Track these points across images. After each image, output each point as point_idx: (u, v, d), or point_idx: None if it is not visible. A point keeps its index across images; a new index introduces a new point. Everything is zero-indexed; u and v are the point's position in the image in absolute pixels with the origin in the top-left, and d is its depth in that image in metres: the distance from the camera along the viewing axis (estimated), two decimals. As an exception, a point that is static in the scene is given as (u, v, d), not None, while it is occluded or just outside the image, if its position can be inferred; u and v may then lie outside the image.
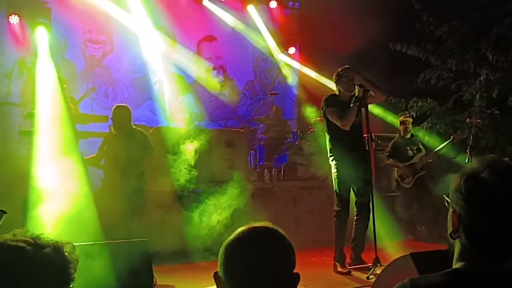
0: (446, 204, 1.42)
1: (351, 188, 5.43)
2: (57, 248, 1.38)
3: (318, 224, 7.81)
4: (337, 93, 5.50)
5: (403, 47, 8.98)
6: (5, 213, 2.78)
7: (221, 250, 1.38)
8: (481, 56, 8.48)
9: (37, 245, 1.35)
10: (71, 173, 5.42)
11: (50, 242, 1.38)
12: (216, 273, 1.37)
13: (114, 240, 4.96)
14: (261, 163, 8.68)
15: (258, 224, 1.43)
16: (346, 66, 5.51)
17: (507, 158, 1.46)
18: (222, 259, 1.37)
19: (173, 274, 5.05)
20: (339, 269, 5.26)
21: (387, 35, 8.99)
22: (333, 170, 5.43)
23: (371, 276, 4.78)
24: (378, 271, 4.48)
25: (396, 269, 3.52)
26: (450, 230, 1.40)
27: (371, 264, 4.96)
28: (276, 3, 10.87)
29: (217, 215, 6.25)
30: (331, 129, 5.44)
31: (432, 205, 7.15)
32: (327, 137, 5.53)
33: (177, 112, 9.52)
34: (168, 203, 7.05)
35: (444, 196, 1.44)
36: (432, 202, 7.13)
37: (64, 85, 7.44)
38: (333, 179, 5.46)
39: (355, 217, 5.49)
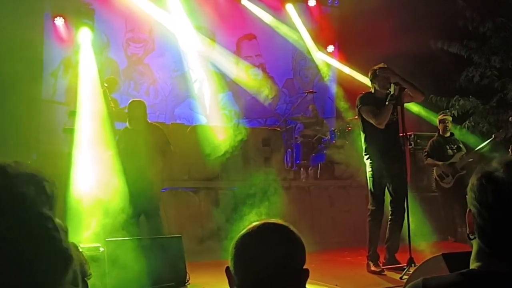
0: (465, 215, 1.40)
1: (386, 188, 5.37)
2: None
3: (355, 224, 7.74)
4: (373, 91, 5.44)
5: (444, 44, 8.77)
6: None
7: (232, 245, 1.41)
8: (527, 53, 8.22)
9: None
10: (108, 170, 5.58)
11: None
12: (227, 268, 1.40)
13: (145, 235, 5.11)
14: (298, 161, 8.67)
15: (269, 220, 1.45)
16: (382, 64, 5.45)
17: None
18: (232, 253, 1.39)
19: (205, 270, 5.11)
20: (372, 268, 5.21)
21: (429, 33, 8.80)
22: (368, 169, 5.38)
23: (404, 277, 4.71)
24: (412, 272, 4.41)
25: (428, 270, 3.47)
26: (468, 230, 1.39)
27: (405, 265, 4.89)
28: (315, 1, 10.82)
29: (252, 214, 6.29)
30: (366, 127, 5.39)
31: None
32: (362, 135, 5.48)
33: (216, 110, 9.65)
34: (206, 199, 7.18)
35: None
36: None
37: (106, 84, 7.65)
38: (368, 178, 5.40)
39: (390, 217, 5.42)
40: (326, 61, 10.83)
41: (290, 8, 10.62)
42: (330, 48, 10.97)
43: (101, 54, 8.87)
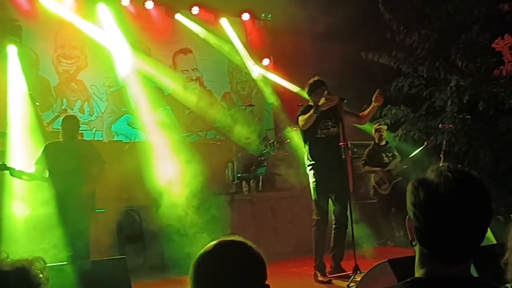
0: (406, 224, 1.44)
1: (329, 197, 5.48)
2: (22, 271, 1.31)
3: (298, 234, 7.84)
4: (312, 104, 5.57)
5: (374, 56, 9.12)
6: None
7: (191, 265, 1.39)
8: (451, 62, 8.66)
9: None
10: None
11: (15, 265, 1.32)
12: None
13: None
14: (239, 175, 8.68)
15: (227, 238, 1.44)
16: (317, 77, 5.61)
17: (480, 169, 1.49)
18: (192, 274, 1.38)
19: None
20: (320, 278, 5.29)
21: (359, 45, 9.12)
22: (311, 179, 5.48)
23: (351, 284, 4.82)
24: (358, 279, 4.51)
25: (375, 276, 3.56)
26: (410, 237, 1.42)
27: (351, 272, 5.00)
28: (248, 15, 10.94)
29: (196, 229, 6.22)
30: (308, 138, 5.51)
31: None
32: (305, 146, 5.59)
33: (155, 124, 9.48)
34: (147, 218, 7.02)
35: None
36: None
37: (36, 103, 7.33)
38: (312, 188, 5.50)
39: (333, 226, 5.53)
40: (263, 74, 10.95)
41: (224, 22, 10.68)
42: (266, 61, 11.12)
43: (30, 72, 8.49)
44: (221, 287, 1.35)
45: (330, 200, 5.50)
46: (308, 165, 5.51)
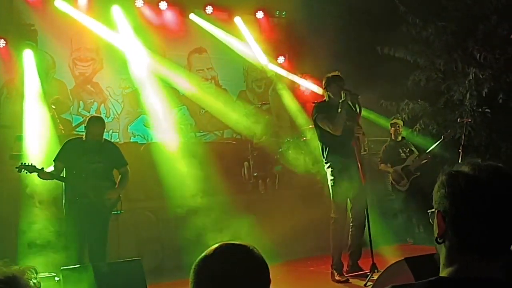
0: (430, 221, 1.40)
1: (347, 195, 5.41)
2: (13, 280, 1.32)
3: (316, 233, 7.77)
4: (327, 99, 5.51)
5: (390, 50, 8.98)
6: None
7: (192, 269, 1.38)
8: (469, 55, 8.49)
9: None
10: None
11: (4, 275, 1.32)
12: None
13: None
14: (255, 174, 8.64)
15: (229, 241, 1.42)
16: (336, 72, 5.53)
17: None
18: (192, 277, 1.37)
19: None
20: (337, 277, 5.23)
21: (375, 39, 9.01)
22: (329, 177, 5.42)
23: (368, 283, 4.75)
24: (376, 278, 4.44)
25: (392, 275, 3.50)
26: (435, 234, 1.37)
27: (369, 271, 4.93)
28: (262, 13, 10.89)
29: (213, 230, 6.21)
30: (324, 136, 5.45)
31: (429, 206, 7.12)
32: (320, 144, 5.53)
33: (171, 124, 9.54)
34: (164, 219, 7.04)
35: (428, 211, 1.42)
36: (429, 203, 7.09)
37: (53, 106, 7.41)
38: (330, 186, 5.44)
39: (351, 224, 5.47)
40: (278, 72, 10.90)
41: (238, 21, 10.65)
42: (281, 59, 11.06)
43: (47, 75, 8.60)
44: None
45: (347, 198, 5.43)
46: (326, 163, 5.45)
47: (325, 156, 5.48)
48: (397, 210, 7.82)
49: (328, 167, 5.44)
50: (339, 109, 5.20)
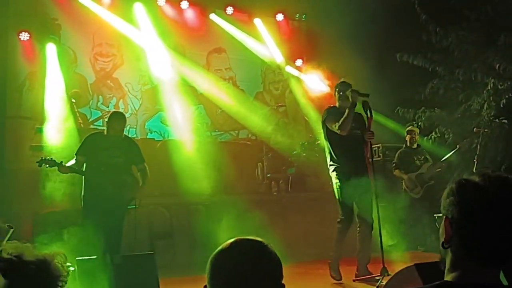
0: (436, 224, 1.43)
1: (353, 198, 5.45)
2: (43, 263, 1.38)
3: (327, 236, 7.77)
4: (337, 106, 5.59)
5: (409, 57, 8.97)
6: (12, 228, 2.84)
7: (208, 262, 1.41)
8: (488, 65, 8.45)
9: (20, 262, 1.34)
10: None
11: (36, 257, 1.38)
12: (205, 287, 1.40)
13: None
14: (268, 175, 8.69)
15: (244, 237, 1.46)
16: (342, 79, 5.61)
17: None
18: (209, 272, 1.40)
19: (179, 287, 5.05)
20: (332, 274, 5.34)
21: (394, 46, 9.00)
22: (334, 180, 5.48)
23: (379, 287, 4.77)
24: (385, 282, 4.45)
25: (401, 280, 3.52)
26: (442, 239, 1.41)
27: (379, 275, 4.95)
28: (282, 16, 10.95)
29: (225, 228, 6.27)
30: (331, 139, 5.53)
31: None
32: (327, 147, 5.61)
33: (189, 122, 9.65)
34: (178, 215, 7.12)
35: (435, 215, 1.46)
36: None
37: (73, 100, 7.53)
38: (335, 189, 5.49)
39: (358, 228, 5.50)
40: (295, 75, 10.93)
41: (258, 22, 10.72)
42: (299, 61, 11.09)
43: (68, 69, 8.75)
44: (237, 284, 1.36)
45: (353, 202, 5.47)
46: (331, 165, 5.51)
47: (330, 158, 5.54)
48: (409, 217, 7.80)
49: (333, 171, 5.50)
50: (347, 110, 5.24)
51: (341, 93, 5.48)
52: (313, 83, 10.63)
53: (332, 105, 5.70)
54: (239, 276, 1.36)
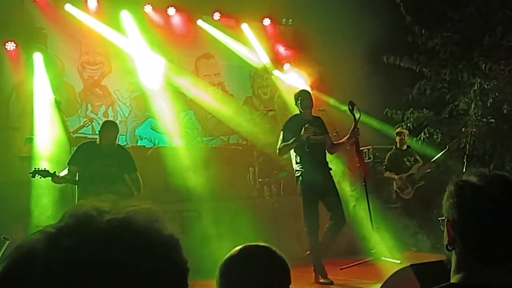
0: (441, 227, 1.45)
1: (319, 202, 5.70)
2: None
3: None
4: (299, 112, 5.90)
5: (396, 59, 9.06)
6: (8, 239, 2.82)
7: (217, 269, 1.43)
8: (474, 65, 8.56)
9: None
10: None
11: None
12: None
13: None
14: (260, 179, 8.70)
15: (252, 243, 1.47)
16: (304, 89, 6.20)
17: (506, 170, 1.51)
18: (218, 278, 1.42)
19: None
20: (321, 280, 5.41)
21: (381, 48, 9.08)
22: (299, 186, 5.76)
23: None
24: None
25: (397, 282, 3.54)
26: (445, 242, 1.43)
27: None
28: (269, 20, 10.98)
29: (220, 234, 6.27)
30: (295, 149, 5.74)
31: (433, 215, 7.17)
32: (292, 154, 5.80)
33: (178, 128, 9.65)
34: (170, 222, 7.09)
35: (439, 219, 1.48)
36: (433, 212, 7.16)
37: (62, 109, 7.49)
38: (300, 195, 5.77)
39: (327, 226, 5.77)
40: (283, 79, 10.97)
41: (245, 27, 10.74)
42: (287, 66, 11.13)
43: (56, 78, 8.69)
44: None
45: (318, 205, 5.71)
46: (296, 171, 5.75)
47: (296, 165, 5.77)
48: (401, 218, 7.86)
49: (298, 176, 5.71)
50: (292, 140, 5.53)
51: (300, 102, 5.80)
52: (301, 87, 10.66)
53: (294, 115, 6.03)
54: (248, 282, 1.38)
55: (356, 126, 5.72)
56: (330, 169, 5.86)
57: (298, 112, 5.90)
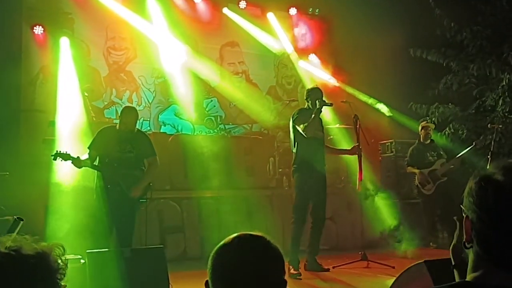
0: (463, 214, 1.37)
1: (309, 197, 5.77)
2: (42, 255, 1.37)
3: (337, 231, 7.79)
4: (307, 108, 5.92)
5: (423, 52, 8.88)
6: (22, 220, 2.87)
7: (210, 257, 1.41)
8: (503, 60, 8.34)
9: (19, 256, 1.32)
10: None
11: (36, 249, 1.37)
12: (206, 282, 1.40)
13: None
14: (280, 169, 8.67)
15: (246, 232, 1.45)
16: (315, 85, 6.26)
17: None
18: (210, 267, 1.39)
19: (188, 280, 5.08)
20: (292, 271, 5.51)
21: (408, 41, 8.92)
22: (296, 180, 5.84)
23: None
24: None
25: (411, 277, 3.49)
26: (464, 239, 1.36)
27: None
28: (295, 10, 10.89)
29: (235, 223, 6.29)
30: (298, 142, 5.80)
31: (454, 212, 7.04)
32: (294, 148, 5.87)
33: (202, 115, 9.65)
34: (188, 210, 7.15)
35: (461, 206, 1.38)
36: (454, 209, 7.02)
37: (86, 93, 7.57)
38: (295, 188, 5.88)
39: (311, 225, 5.85)
40: (308, 69, 10.89)
41: (271, 16, 10.68)
42: (312, 56, 11.04)
43: (81, 63, 8.79)
44: (239, 279, 1.35)
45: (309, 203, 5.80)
46: (294, 165, 5.84)
47: (294, 159, 5.85)
48: (422, 214, 7.76)
49: (296, 171, 5.80)
50: (313, 114, 5.59)
51: (311, 98, 5.84)
52: (325, 78, 10.59)
53: (302, 108, 6.07)
54: (240, 271, 1.35)
55: (358, 141, 5.86)
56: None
57: (306, 107, 5.95)
